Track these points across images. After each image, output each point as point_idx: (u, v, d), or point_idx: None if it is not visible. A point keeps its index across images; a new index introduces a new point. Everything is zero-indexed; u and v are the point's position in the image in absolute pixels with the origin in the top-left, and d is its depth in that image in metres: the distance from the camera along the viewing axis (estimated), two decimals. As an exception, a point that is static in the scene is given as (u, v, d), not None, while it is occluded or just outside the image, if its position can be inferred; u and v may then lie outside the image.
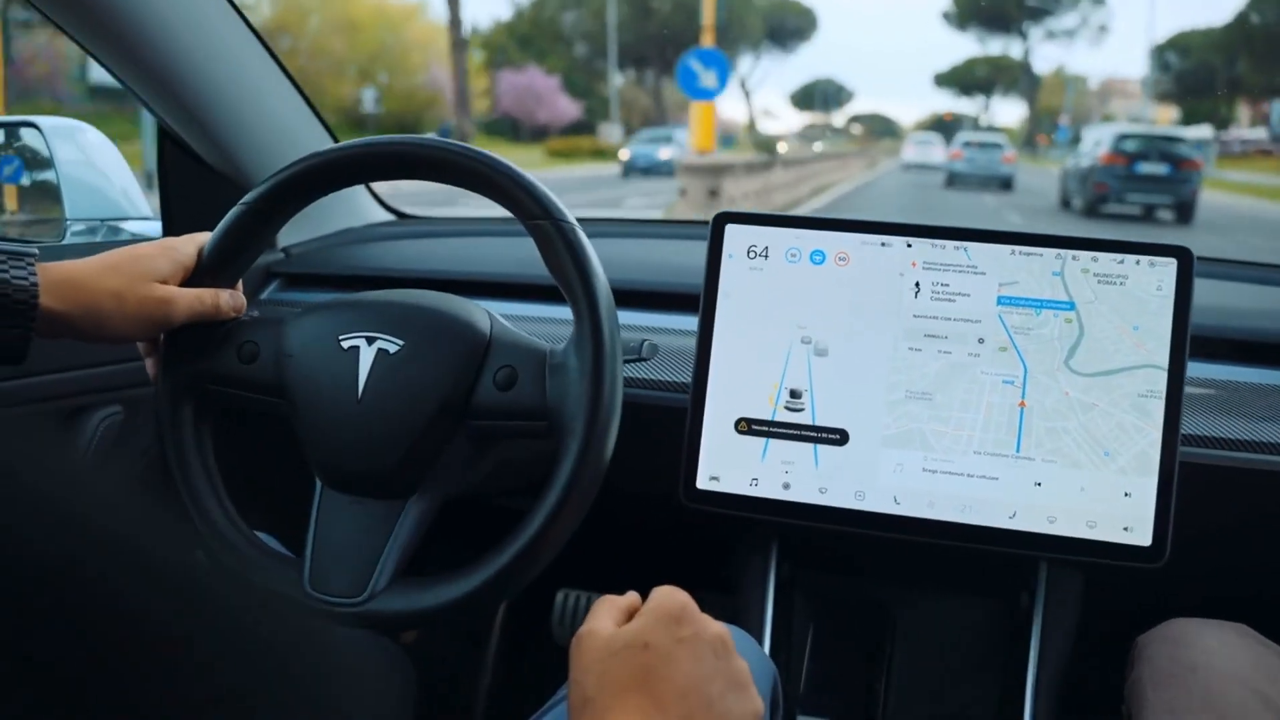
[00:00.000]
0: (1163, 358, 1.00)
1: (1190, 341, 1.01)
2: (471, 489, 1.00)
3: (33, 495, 0.26)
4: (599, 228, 1.71)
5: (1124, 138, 16.90)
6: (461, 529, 1.23)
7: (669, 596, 0.76)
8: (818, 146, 47.98)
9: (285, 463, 1.03)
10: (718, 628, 0.74)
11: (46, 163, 1.39)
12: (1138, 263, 1.02)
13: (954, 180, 24.67)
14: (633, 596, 0.79)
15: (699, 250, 1.12)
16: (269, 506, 1.25)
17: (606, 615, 0.75)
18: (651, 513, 1.24)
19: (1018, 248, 1.04)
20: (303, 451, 0.96)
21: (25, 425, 1.16)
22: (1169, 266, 1.02)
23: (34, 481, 0.26)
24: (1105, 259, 1.03)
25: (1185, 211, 16.21)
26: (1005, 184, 23.87)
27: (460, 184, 0.95)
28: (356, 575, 0.92)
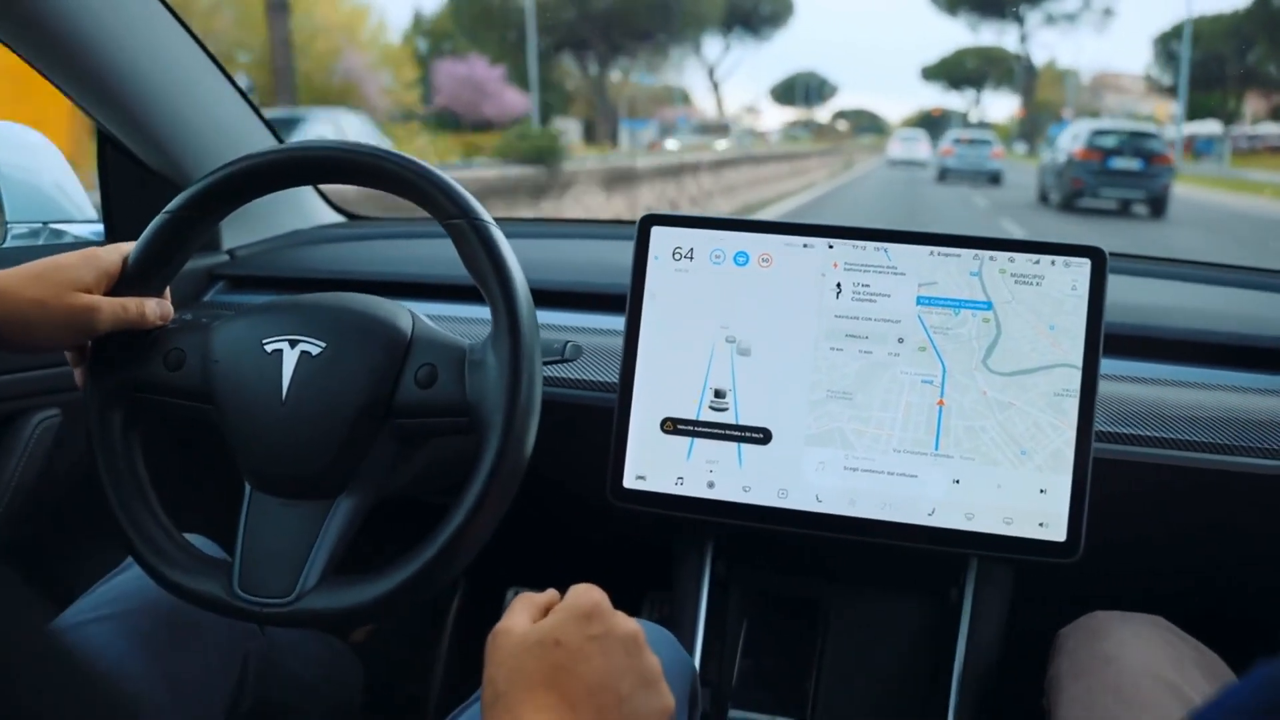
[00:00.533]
0: (1077, 357, 1.02)
1: (1106, 339, 1.03)
2: (400, 488, 1.01)
3: None
4: (525, 228, 1.73)
5: (1098, 133, 17.34)
6: (398, 525, 1.24)
7: (582, 595, 0.77)
8: (721, 145, 32.94)
9: (218, 465, 1.04)
10: (629, 625, 0.75)
11: (-13, 165, 1.39)
12: (1053, 263, 1.04)
13: (945, 175, 25.94)
14: (551, 594, 0.80)
15: (624, 250, 1.13)
16: (203, 509, 1.25)
17: (522, 612, 0.77)
18: (589, 512, 1.25)
19: (936, 249, 1.05)
20: (231, 455, 0.97)
21: None
22: (1083, 266, 1.03)
23: None
24: (1021, 259, 1.04)
25: (1158, 206, 16.68)
26: (994, 178, 24.90)
27: (380, 186, 0.96)
28: (286, 576, 0.93)
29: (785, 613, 1.28)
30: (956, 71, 74.81)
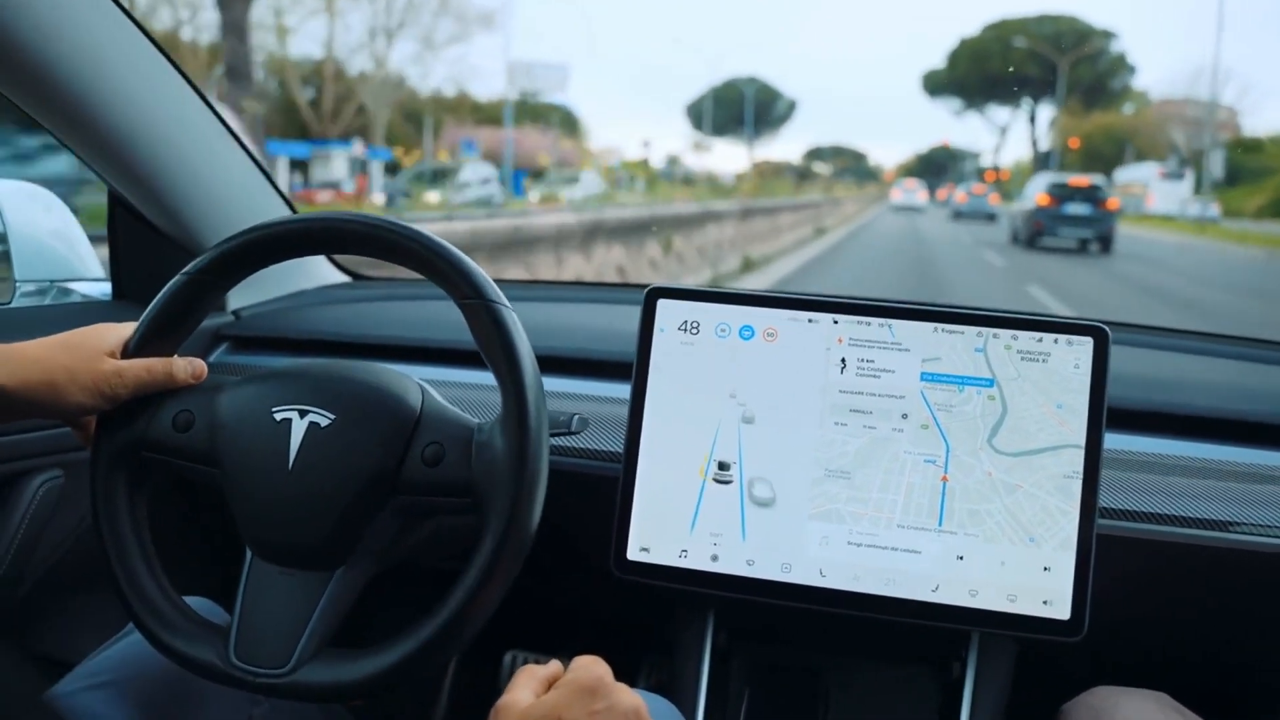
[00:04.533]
0: (1083, 436, 1.03)
1: (1113, 414, 1.04)
2: (400, 560, 1.01)
3: None
4: (533, 290, 1.74)
5: (1055, 185, 21.36)
6: (396, 592, 1.24)
7: (585, 669, 0.77)
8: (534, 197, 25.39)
9: (221, 529, 1.04)
10: (632, 699, 0.75)
11: (-3, 225, 1.40)
12: (1056, 340, 1.05)
13: (958, 215, 37.16)
14: (554, 666, 0.80)
15: (629, 315, 1.14)
16: (205, 571, 1.25)
17: (525, 686, 0.77)
18: (595, 579, 1.25)
19: (941, 325, 1.06)
20: (234, 521, 0.97)
21: None
22: (1086, 345, 1.04)
23: None
24: (1025, 337, 1.05)
25: (1106, 243, 20.75)
26: (990, 217, 34.53)
27: (397, 261, 0.98)
28: (282, 646, 0.92)
29: (787, 684, 1.27)
30: (969, 78, 69.47)
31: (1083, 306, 11.93)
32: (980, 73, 68.31)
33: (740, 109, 72.98)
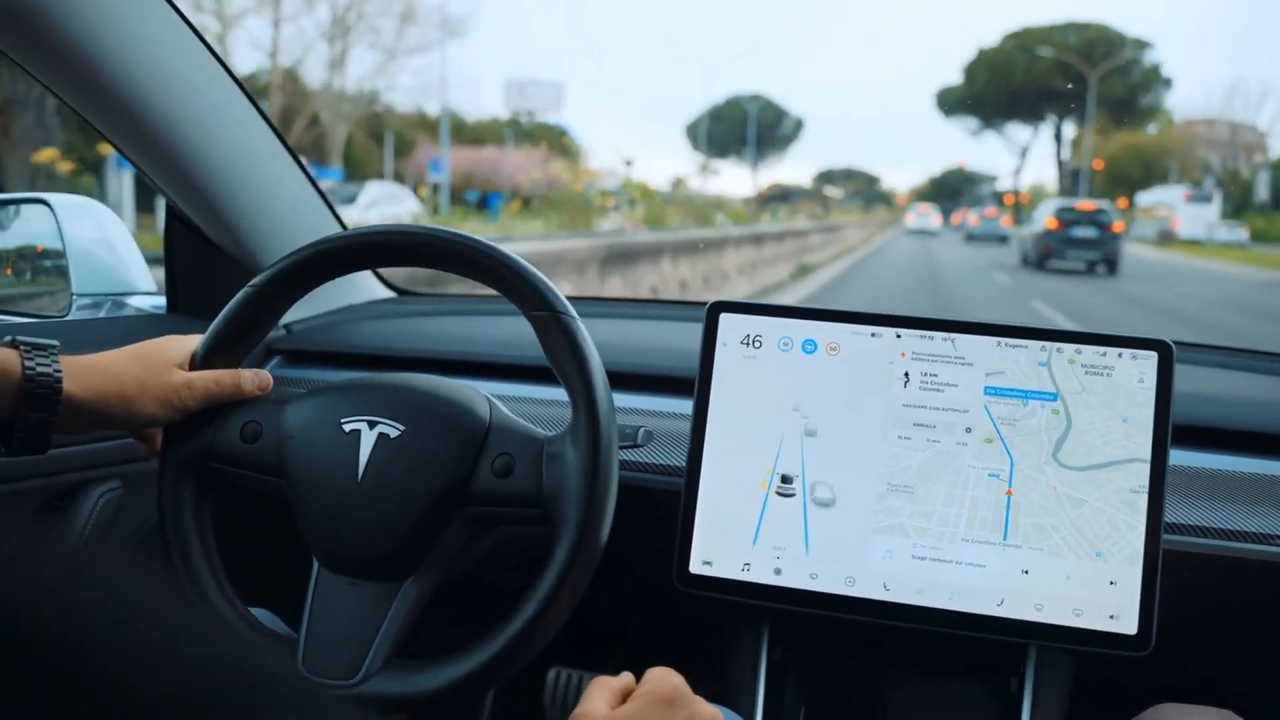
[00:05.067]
0: (1149, 450, 1.03)
1: (1176, 430, 1.04)
2: (466, 572, 1.01)
3: (33, 580, 0.26)
4: (595, 307, 1.75)
5: (1063, 209, 22.51)
6: (457, 606, 1.24)
7: (663, 679, 0.77)
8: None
9: (287, 539, 1.04)
10: (710, 710, 0.76)
11: (56, 239, 1.42)
12: (1120, 355, 1.05)
13: (971, 238, 39.98)
14: (627, 678, 0.80)
15: (692, 332, 1.15)
16: (270, 583, 1.26)
17: (600, 697, 0.77)
18: (646, 593, 1.25)
19: (1004, 339, 1.07)
20: (301, 532, 0.97)
21: (22, 504, 1.18)
22: (1150, 359, 1.04)
23: (34, 566, 0.27)
24: (1089, 351, 1.05)
25: (1112, 265, 21.71)
26: (1002, 239, 36.80)
27: (463, 273, 0.99)
28: (351, 656, 0.93)
29: (844, 699, 1.27)
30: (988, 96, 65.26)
31: (1087, 322, 12.43)
32: (1000, 87, 63.91)
33: (743, 128, 67.90)
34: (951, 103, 69.10)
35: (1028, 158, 70.74)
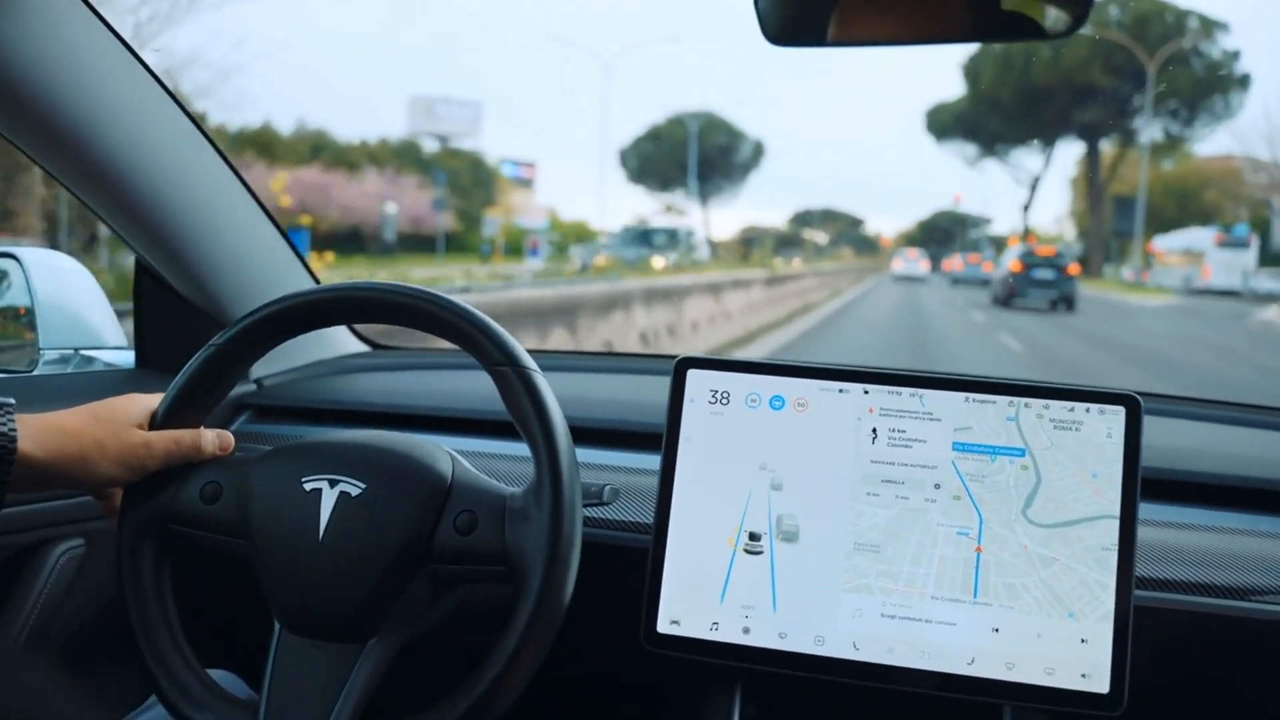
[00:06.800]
0: (1119, 506, 1.02)
1: (1148, 484, 1.03)
2: (429, 631, 0.99)
3: None
4: (561, 360, 1.74)
5: (1026, 253, 25.37)
6: (422, 666, 1.22)
7: None
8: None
9: (249, 600, 1.03)
10: None
11: (24, 293, 1.41)
12: (1088, 410, 1.04)
13: (956, 282, 41.00)
14: None
15: (659, 386, 1.14)
16: (232, 644, 1.24)
17: None
18: (615, 652, 1.23)
19: (972, 395, 1.06)
20: (263, 593, 0.96)
21: None
22: (1118, 414, 1.04)
23: None
24: (1057, 406, 1.05)
25: (1070, 303, 23.89)
26: (984, 282, 36.21)
27: (427, 329, 0.98)
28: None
29: None
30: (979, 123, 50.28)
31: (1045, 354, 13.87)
32: (1013, 86, 46.44)
33: (686, 153, 51.03)
34: (945, 123, 53.59)
35: (1038, 190, 57.97)
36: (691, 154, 51.24)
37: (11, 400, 0.90)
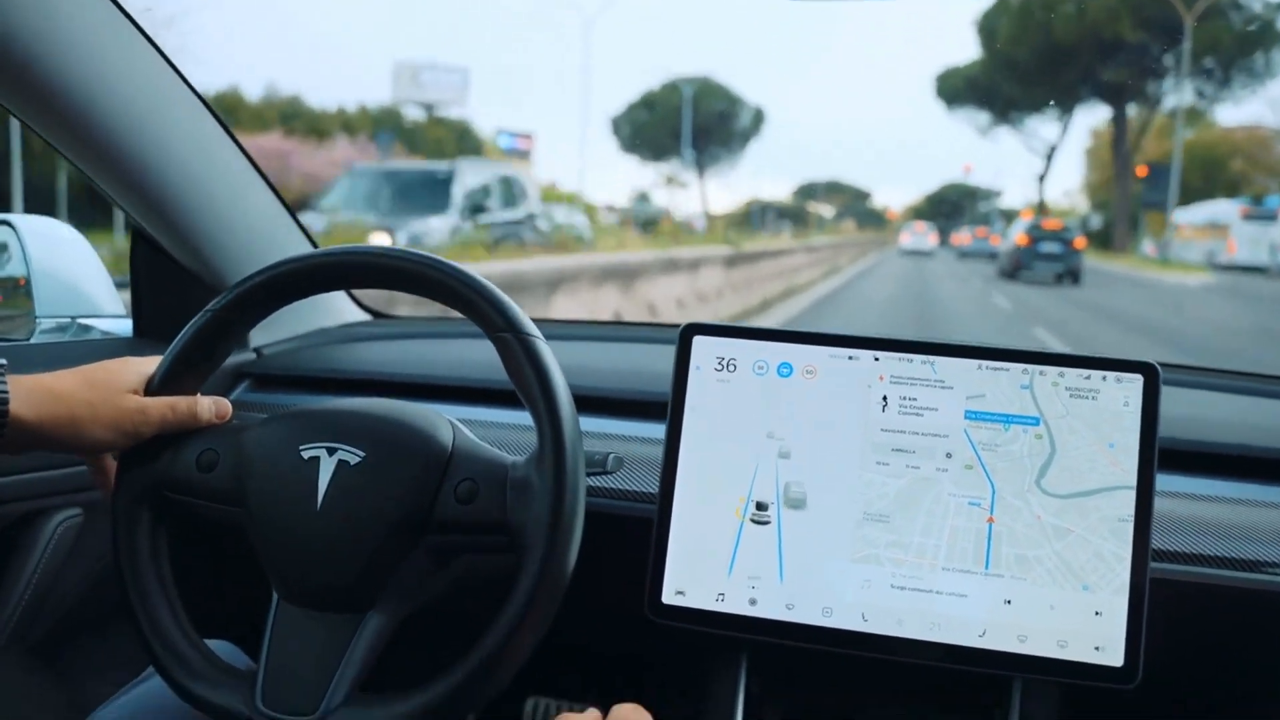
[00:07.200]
0: (1135, 477, 1.00)
1: (1162, 455, 1.01)
2: (430, 601, 0.98)
3: None
4: (566, 329, 1.72)
5: (1032, 227, 25.35)
6: (423, 637, 1.21)
7: (629, 715, 0.75)
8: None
9: (247, 569, 1.01)
10: None
11: (20, 261, 1.39)
12: (1104, 378, 1.02)
13: (964, 255, 42.16)
14: (593, 715, 0.78)
15: (665, 354, 1.12)
16: (230, 614, 1.22)
17: None
18: (620, 623, 1.21)
19: (985, 362, 1.04)
20: (260, 562, 0.94)
21: None
22: (1135, 382, 1.01)
23: None
24: (1072, 374, 1.02)
25: (1075, 276, 23.81)
26: (991, 255, 36.84)
27: (426, 294, 0.96)
28: (311, 691, 0.90)
29: None
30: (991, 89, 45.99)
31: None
32: (1030, 48, 40.59)
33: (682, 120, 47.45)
34: (957, 88, 48.94)
35: (1054, 158, 53.26)
36: (686, 120, 48.16)
37: (4, 361, 0.88)
